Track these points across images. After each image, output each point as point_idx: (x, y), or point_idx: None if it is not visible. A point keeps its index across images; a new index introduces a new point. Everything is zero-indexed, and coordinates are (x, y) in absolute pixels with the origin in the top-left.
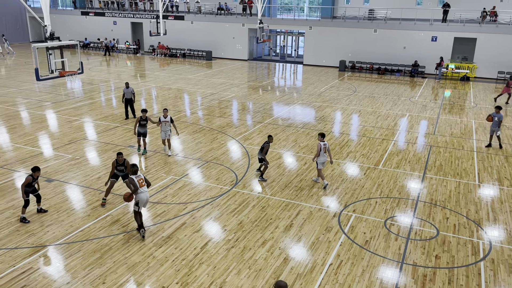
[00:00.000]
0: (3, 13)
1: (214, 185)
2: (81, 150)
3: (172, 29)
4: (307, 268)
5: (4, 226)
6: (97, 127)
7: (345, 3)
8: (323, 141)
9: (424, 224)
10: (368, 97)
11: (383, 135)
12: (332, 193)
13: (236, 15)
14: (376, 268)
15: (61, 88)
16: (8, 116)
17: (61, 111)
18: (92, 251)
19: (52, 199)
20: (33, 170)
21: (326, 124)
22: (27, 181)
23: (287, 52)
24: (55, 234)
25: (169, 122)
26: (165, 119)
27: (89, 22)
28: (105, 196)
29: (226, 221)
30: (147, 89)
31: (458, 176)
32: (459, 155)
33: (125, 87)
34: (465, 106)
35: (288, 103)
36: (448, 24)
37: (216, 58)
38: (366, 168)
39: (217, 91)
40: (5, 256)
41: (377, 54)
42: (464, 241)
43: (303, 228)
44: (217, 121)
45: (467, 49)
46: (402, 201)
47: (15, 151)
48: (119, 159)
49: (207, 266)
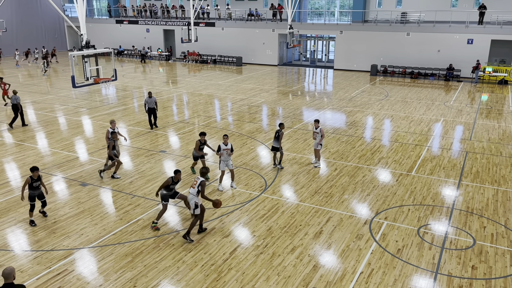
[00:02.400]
0: (42, 22)
1: (243, 190)
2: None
3: (203, 36)
4: (337, 276)
5: (41, 229)
6: (129, 132)
7: (376, 6)
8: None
9: (460, 233)
10: (401, 102)
11: (416, 140)
12: (364, 200)
13: (266, 21)
14: (408, 277)
15: (96, 95)
16: (46, 122)
17: (95, 116)
18: (124, 254)
19: (86, 203)
20: (32, 170)
21: (357, 130)
22: (26, 183)
23: (318, 57)
24: (89, 237)
25: (229, 149)
26: (226, 147)
27: (123, 30)
28: (156, 220)
29: (255, 226)
30: (178, 95)
31: (496, 184)
32: (497, 161)
33: (147, 97)
34: (503, 110)
35: (318, 108)
36: (484, 26)
37: (246, 64)
38: (398, 174)
39: (247, 97)
40: (41, 257)
41: (410, 57)
42: (502, 251)
43: (333, 235)
44: (247, 127)
45: (505, 51)
46: (436, 209)
47: (52, 155)
48: (176, 176)
49: (236, 271)
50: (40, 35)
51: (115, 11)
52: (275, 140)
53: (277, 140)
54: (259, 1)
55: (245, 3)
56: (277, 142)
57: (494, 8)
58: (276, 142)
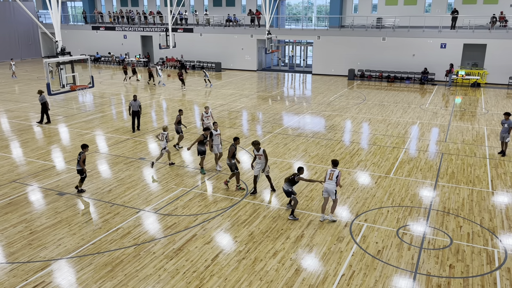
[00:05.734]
0: (16, 29)
1: (224, 196)
2: (93, 163)
3: (182, 42)
4: (319, 279)
5: (16, 240)
6: (108, 139)
7: (352, 12)
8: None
9: (437, 233)
10: (378, 105)
11: (394, 143)
12: (344, 203)
13: (244, 27)
14: (389, 278)
15: (73, 102)
16: (21, 130)
17: (72, 124)
18: (104, 264)
19: (64, 213)
20: (83, 147)
21: (336, 133)
22: (83, 158)
23: (296, 62)
24: (66, 247)
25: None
26: (216, 132)
27: (99, 36)
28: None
29: (236, 232)
30: (157, 101)
31: (471, 184)
32: (471, 162)
33: (132, 100)
34: (476, 112)
35: (297, 113)
36: (457, 30)
37: (226, 69)
38: (377, 176)
39: (227, 102)
40: (17, 270)
41: (386, 62)
42: (479, 250)
43: (314, 238)
44: (227, 132)
45: (477, 55)
46: (414, 210)
47: (27, 165)
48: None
49: (218, 278)
50: (14, 42)
51: (91, 18)
52: (287, 183)
53: (290, 184)
54: (237, 7)
55: (223, 9)
56: (289, 185)
57: (466, 13)
58: (288, 185)
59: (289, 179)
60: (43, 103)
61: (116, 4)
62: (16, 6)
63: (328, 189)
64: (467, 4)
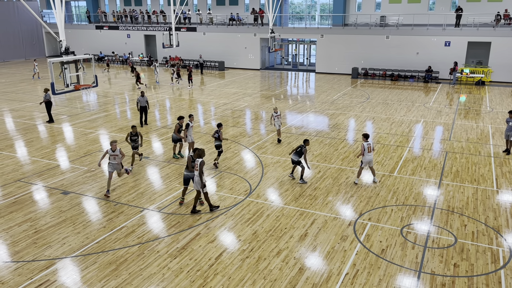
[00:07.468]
0: (20, 28)
1: (228, 195)
2: (97, 162)
3: (185, 41)
4: (322, 278)
5: (21, 239)
6: (112, 138)
7: (356, 10)
8: (367, 141)
9: (442, 232)
10: (382, 104)
11: (398, 141)
12: (347, 202)
13: (247, 25)
14: (393, 277)
15: (77, 101)
16: (26, 129)
17: (76, 123)
18: (108, 262)
19: (68, 211)
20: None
21: (339, 132)
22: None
23: (299, 61)
24: (71, 246)
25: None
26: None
27: (103, 36)
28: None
29: (240, 231)
30: (161, 100)
31: (475, 182)
32: (476, 160)
33: (140, 96)
34: (481, 111)
35: (301, 112)
36: (461, 28)
37: (229, 68)
38: (381, 175)
39: (230, 101)
40: (22, 269)
41: (389, 60)
42: (483, 249)
43: (318, 237)
44: (231, 131)
45: (481, 53)
46: (418, 209)
47: (32, 164)
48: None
49: (222, 276)
50: (18, 42)
51: (95, 17)
52: (295, 154)
53: (298, 155)
54: (240, 6)
55: (226, 7)
56: (297, 156)
57: (471, 11)
58: (296, 155)
59: (297, 150)
60: (47, 102)
61: (120, 3)
62: (20, 6)
63: (370, 159)
64: (471, 1)
